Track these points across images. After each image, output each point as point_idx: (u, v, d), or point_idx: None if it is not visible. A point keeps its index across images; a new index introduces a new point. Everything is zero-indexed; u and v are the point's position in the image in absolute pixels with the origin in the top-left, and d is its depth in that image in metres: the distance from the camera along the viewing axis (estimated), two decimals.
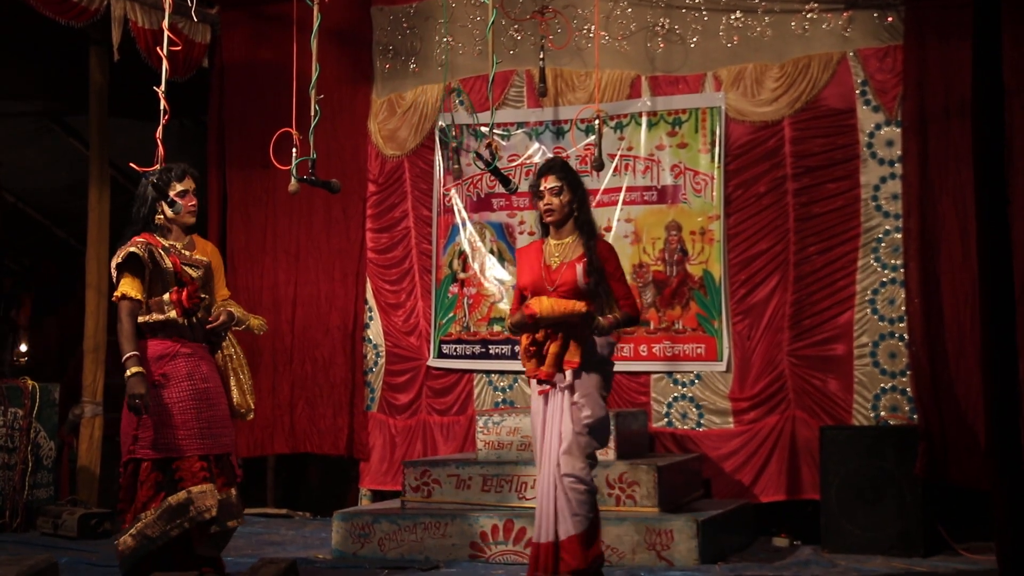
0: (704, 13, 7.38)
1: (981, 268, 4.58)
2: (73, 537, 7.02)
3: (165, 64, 5.15)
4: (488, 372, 7.78)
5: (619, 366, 7.27)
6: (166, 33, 5.25)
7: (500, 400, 7.72)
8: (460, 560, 6.15)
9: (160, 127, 5.02)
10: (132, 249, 4.85)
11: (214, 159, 8.54)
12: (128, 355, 4.75)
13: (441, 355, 7.90)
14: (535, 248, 5.16)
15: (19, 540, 7.01)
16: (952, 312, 6.59)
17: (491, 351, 7.73)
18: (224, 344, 5.16)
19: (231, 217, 8.45)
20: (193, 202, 5.03)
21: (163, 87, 5.09)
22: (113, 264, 4.91)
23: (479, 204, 7.91)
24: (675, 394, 7.30)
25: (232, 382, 5.14)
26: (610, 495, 6.19)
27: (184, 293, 4.89)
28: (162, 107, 5.04)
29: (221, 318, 5.08)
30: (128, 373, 4.72)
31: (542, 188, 5.04)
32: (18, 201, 10.62)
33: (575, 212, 5.06)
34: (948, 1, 6.62)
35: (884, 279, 6.92)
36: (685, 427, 7.26)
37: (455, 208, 7.94)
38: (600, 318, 4.94)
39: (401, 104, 8.15)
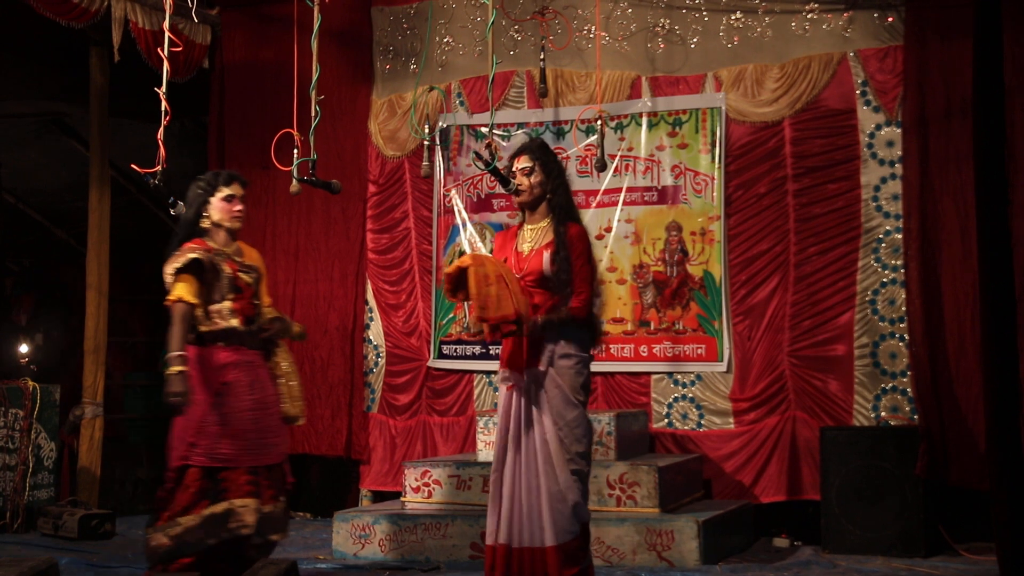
0: (704, 13, 7.38)
1: (981, 268, 4.58)
2: (74, 538, 7.02)
3: (166, 65, 5.15)
4: (488, 373, 7.77)
5: (619, 366, 7.31)
6: (167, 34, 5.26)
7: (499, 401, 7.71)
8: (460, 561, 6.15)
9: (161, 128, 5.02)
10: (195, 255, 4.81)
11: (214, 159, 8.54)
12: (174, 354, 4.68)
13: (441, 356, 7.90)
14: (511, 233, 4.99)
15: (20, 541, 7.01)
16: (952, 312, 6.59)
17: (491, 352, 7.73)
18: (284, 352, 5.15)
19: None
20: (239, 207, 4.99)
21: (164, 88, 5.09)
22: (172, 267, 4.81)
23: (479, 205, 7.91)
24: (676, 394, 7.30)
25: (284, 389, 5.08)
26: (611, 495, 6.19)
27: (245, 300, 4.89)
28: (163, 108, 5.04)
29: (276, 326, 5.07)
30: (169, 371, 4.66)
31: (514, 168, 4.89)
32: (18, 202, 10.63)
33: (548, 195, 4.84)
34: (948, 1, 6.62)
35: (884, 279, 6.92)
36: (686, 427, 7.26)
37: (455, 209, 7.94)
38: (537, 317, 4.64)
39: (401, 105, 8.14)
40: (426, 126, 7.35)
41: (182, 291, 4.77)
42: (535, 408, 4.71)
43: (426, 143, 7.62)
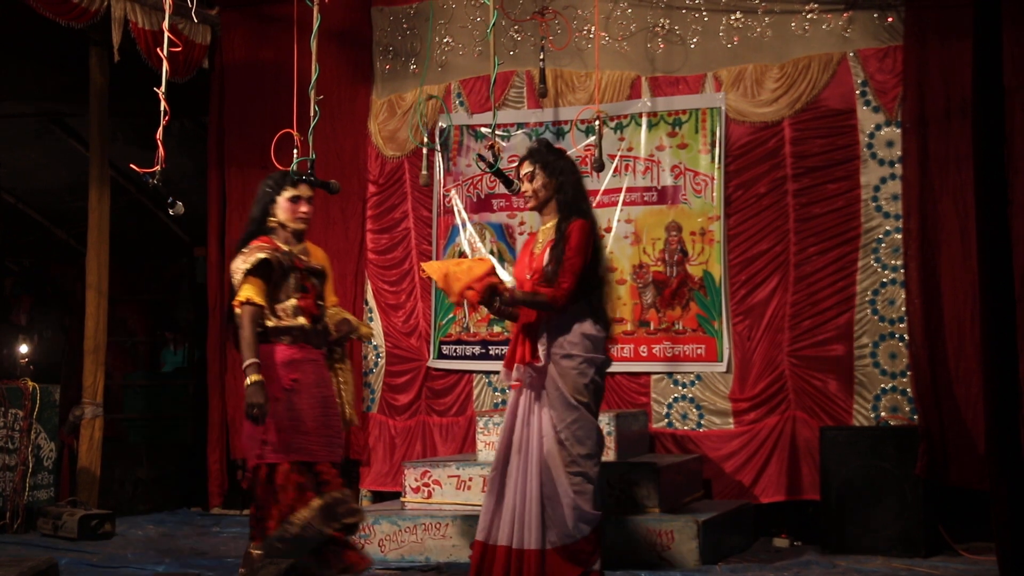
0: (704, 14, 7.38)
1: (981, 268, 4.58)
2: (73, 538, 7.02)
3: (165, 65, 5.14)
4: (488, 373, 7.77)
5: (619, 366, 7.30)
6: (166, 34, 5.24)
7: (500, 401, 7.72)
8: (460, 561, 6.15)
9: (160, 128, 5.01)
10: (264, 255, 4.78)
11: (214, 159, 8.55)
12: (249, 362, 4.63)
13: (441, 356, 7.90)
14: (531, 237, 5.10)
15: (19, 541, 7.01)
16: (952, 312, 6.59)
17: (491, 352, 7.73)
18: (341, 355, 5.10)
19: (230, 217, 8.44)
20: (305, 208, 4.98)
21: (163, 88, 5.08)
22: (241, 268, 4.76)
23: (479, 205, 7.91)
24: (675, 395, 7.30)
25: (344, 393, 5.05)
26: (611, 496, 6.19)
27: (311, 299, 4.87)
28: (162, 108, 5.03)
29: (344, 328, 5.06)
30: (248, 382, 4.60)
31: (521, 176, 4.96)
32: (18, 202, 10.64)
33: (554, 194, 4.86)
34: (948, 1, 6.62)
35: (884, 279, 6.92)
36: (685, 428, 7.26)
37: (455, 209, 7.94)
38: (512, 292, 4.69)
39: (401, 105, 8.14)
40: (424, 135, 7.34)
41: (250, 292, 4.72)
42: (536, 409, 4.72)
43: (424, 151, 7.60)
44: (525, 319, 4.86)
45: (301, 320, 4.84)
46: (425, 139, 7.71)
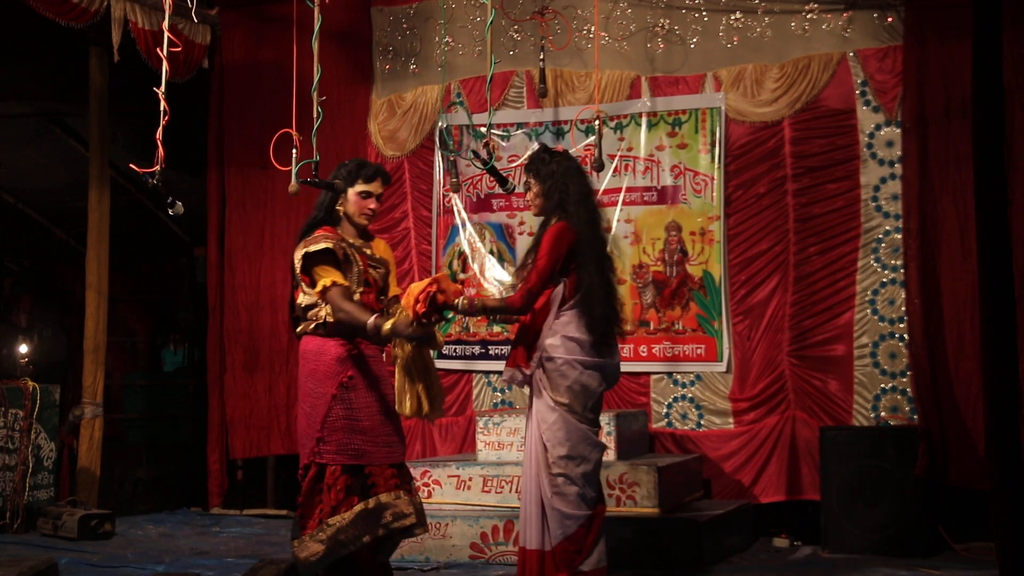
0: (704, 14, 7.38)
1: (981, 268, 4.58)
2: (73, 538, 7.02)
3: (165, 65, 5.13)
4: (487, 373, 7.78)
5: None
6: (166, 34, 5.23)
7: (499, 401, 7.72)
8: (460, 561, 6.15)
9: (160, 128, 5.01)
10: (327, 244, 4.62)
11: (213, 159, 8.55)
12: (372, 319, 4.41)
13: (441, 356, 7.89)
14: None
15: (19, 541, 7.01)
16: (952, 312, 6.60)
17: (491, 352, 7.74)
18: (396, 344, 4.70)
19: (229, 217, 8.45)
20: (373, 205, 4.79)
21: (163, 88, 5.08)
22: (302, 255, 4.62)
23: (479, 205, 7.91)
24: (675, 395, 7.30)
25: (406, 384, 4.65)
26: (610, 496, 6.19)
27: (372, 294, 4.69)
28: (162, 108, 5.02)
29: (419, 331, 4.56)
30: (386, 329, 4.38)
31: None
32: (18, 202, 10.63)
33: (549, 199, 4.85)
34: (948, 1, 6.62)
35: (884, 279, 6.92)
36: (685, 428, 7.26)
37: (455, 209, 7.94)
38: (470, 300, 4.70)
39: (401, 105, 8.15)
40: (448, 140, 7.31)
41: (330, 275, 4.57)
42: (531, 411, 4.76)
43: (450, 158, 7.47)
44: (521, 322, 4.87)
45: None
46: (441, 142, 7.69)
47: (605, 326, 4.78)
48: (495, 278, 7.78)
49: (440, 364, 7.89)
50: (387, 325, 4.39)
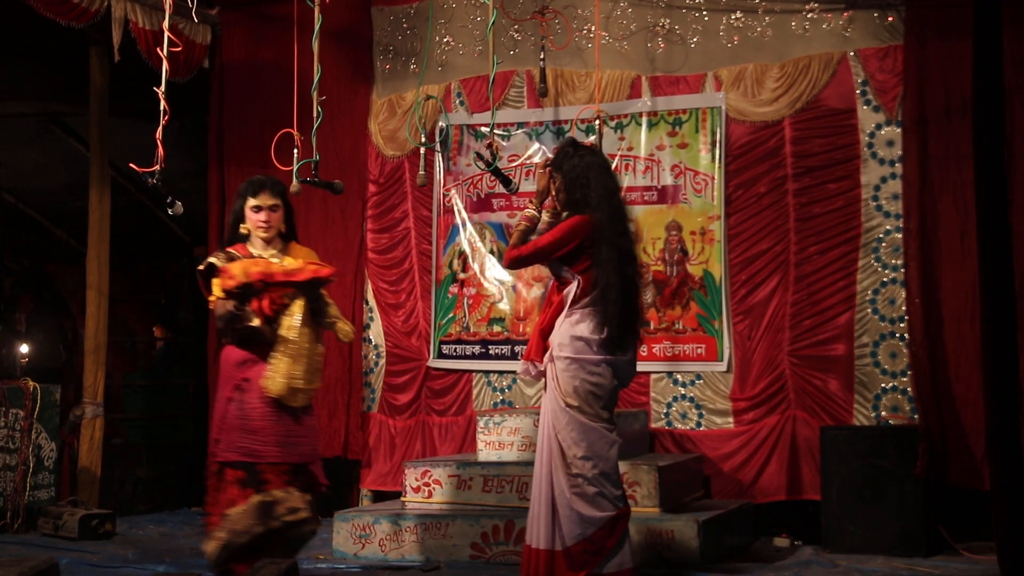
0: (704, 13, 7.38)
1: (981, 268, 4.60)
2: (74, 538, 7.01)
3: (165, 65, 5.14)
4: (487, 372, 7.78)
5: None
6: (166, 34, 5.24)
7: (499, 400, 7.72)
8: (461, 561, 6.15)
9: (160, 128, 5.01)
10: (211, 259, 4.93)
11: (214, 159, 8.54)
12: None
13: (441, 356, 7.90)
14: None
15: (20, 541, 7.01)
16: (952, 312, 6.59)
17: (491, 351, 7.73)
18: (286, 327, 4.89)
19: (228, 217, 8.43)
20: (263, 217, 5.00)
21: (163, 88, 5.08)
22: (199, 269, 4.97)
23: (479, 204, 7.91)
24: (675, 394, 7.30)
25: (278, 366, 4.87)
26: None
27: (266, 301, 4.85)
28: (162, 108, 5.03)
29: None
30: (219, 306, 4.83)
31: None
32: (18, 201, 10.64)
33: (571, 194, 4.83)
34: (948, 1, 6.62)
35: (884, 279, 6.92)
36: (685, 427, 7.26)
37: (455, 208, 7.94)
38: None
39: (401, 104, 8.14)
40: (422, 135, 7.35)
41: (218, 288, 4.88)
42: (544, 407, 4.75)
43: (422, 151, 7.51)
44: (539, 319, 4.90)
45: (256, 322, 4.86)
46: (423, 139, 7.67)
47: (620, 325, 4.71)
48: (495, 278, 7.78)
49: (440, 364, 7.90)
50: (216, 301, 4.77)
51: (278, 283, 4.79)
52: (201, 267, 4.98)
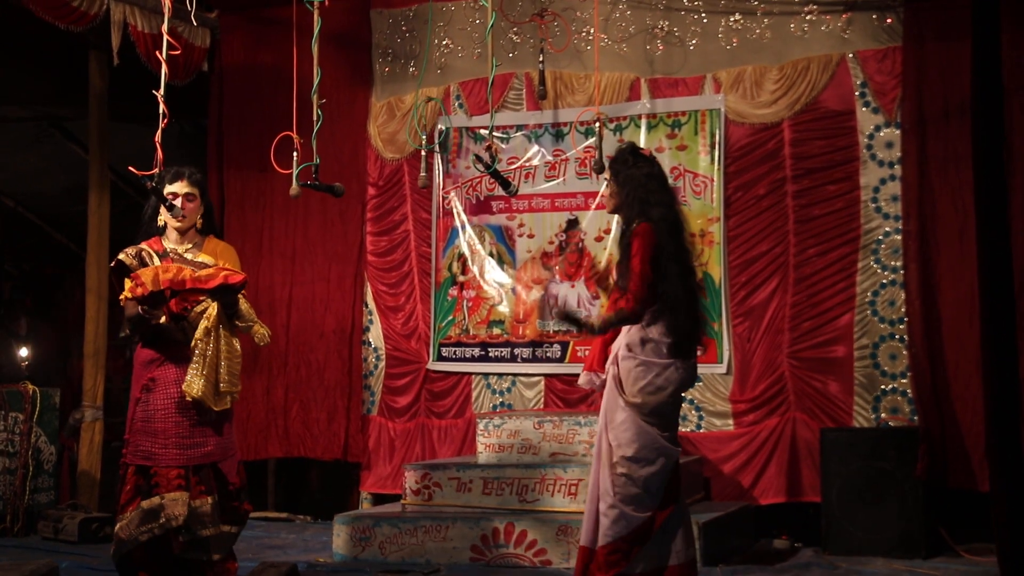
0: (703, 15, 7.38)
1: (980, 269, 4.59)
2: (74, 542, 7.01)
3: (164, 68, 5.14)
4: (487, 375, 7.77)
5: None
6: (165, 37, 5.24)
7: (498, 403, 7.72)
8: (461, 563, 6.15)
9: (159, 131, 5.02)
10: (120, 256, 4.90)
11: (213, 162, 8.55)
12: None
13: (440, 358, 7.90)
14: None
15: (20, 544, 7.01)
16: (952, 313, 6.60)
17: (490, 354, 7.73)
18: (202, 331, 4.81)
19: (228, 219, 8.45)
20: (178, 203, 4.92)
21: (162, 91, 5.09)
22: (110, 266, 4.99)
23: (478, 207, 7.91)
24: None
25: (196, 368, 4.79)
26: None
27: (173, 300, 4.78)
28: (161, 111, 5.03)
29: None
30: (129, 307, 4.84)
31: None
32: (18, 205, 10.64)
33: (629, 206, 4.78)
34: (947, 2, 6.63)
35: (884, 281, 6.92)
36: (685, 429, 7.23)
37: (454, 211, 7.94)
38: (590, 320, 4.76)
39: (400, 107, 8.15)
40: (422, 137, 7.36)
41: (128, 290, 4.87)
42: (602, 410, 4.74)
43: (423, 152, 7.54)
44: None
45: (162, 319, 4.83)
46: (423, 141, 7.68)
47: (687, 332, 4.69)
48: (494, 280, 7.78)
49: (439, 367, 7.90)
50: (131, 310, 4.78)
51: (188, 290, 4.73)
52: (112, 264, 4.94)
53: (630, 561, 4.59)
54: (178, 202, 4.94)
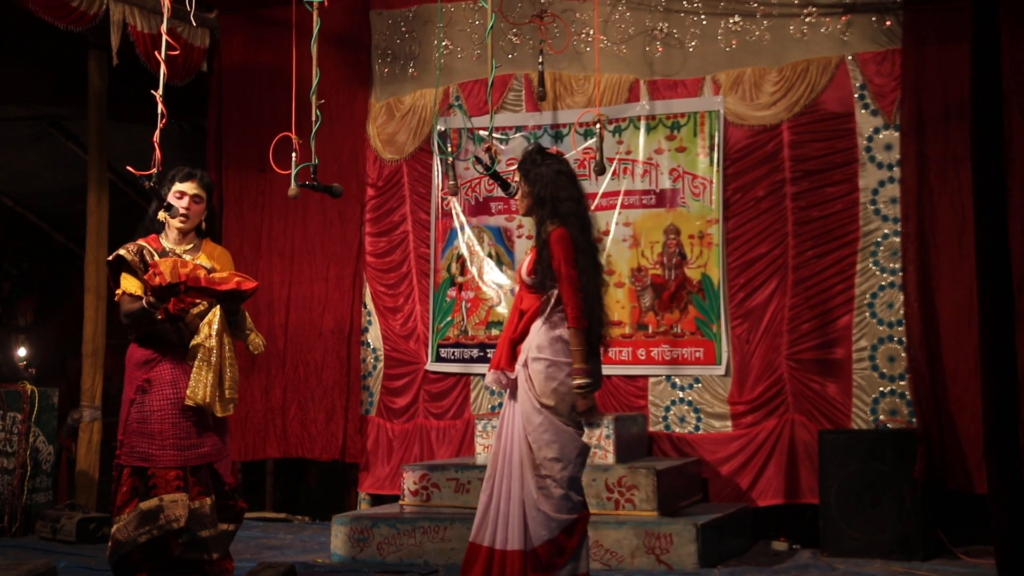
0: (703, 17, 7.39)
1: (979, 271, 4.58)
2: (72, 541, 7.01)
3: (163, 68, 5.14)
4: (485, 376, 7.75)
5: (617, 369, 7.31)
6: (165, 37, 5.24)
7: (497, 404, 7.72)
8: (459, 564, 6.13)
9: (157, 131, 5.02)
10: (120, 251, 4.87)
11: (212, 162, 8.55)
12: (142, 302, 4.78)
13: (439, 359, 7.90)
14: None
15: (18, 544, 7.01)
16: (951, 315, 6.60)
17: (489, 355, 7.72)
18: (205, 336, 4.83)
19: (227, 219, 8.46)
20: (186, 205, 4.94)
21: (161, 91, 5.08)
22: (108, 259, 4.95)
23: (477, 208, 7.91)
24: (673, 398, 7.30)
25: (199, 374, 4.80)
26: (609, 499, 6.19)
27: (172, 300, 4.78)
28: (159, 111, 5.03)
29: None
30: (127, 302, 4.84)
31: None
32: (17, 205, 10.64)
33: (540, 204, 4.78)
34: (946, 4, 6.64)
35: (883, 283, 6.92)
36: (683, 431, 7.26)
37: (453, 212, 7.94)
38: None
39: (400, 108, 8.15)
40: (438, 143, 7.29)
41: (126, 283, 4.86)
42: (511, 412, 4.74)
43: (449, 160, 7.45)
44: (507, 326, 4.86)
45: (157, 317, 4.83)
46: (438, 146, 7.67)
47: (596, 330, 4.73)
48: (493, 281, 7.78)
49: (438, 368, 7.90)
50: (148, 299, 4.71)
51: (201, 288, 4.70)
52: (110, 259, 4.92)
53: (566, 560, 4.62)
54: (184, 201, 4.95)
